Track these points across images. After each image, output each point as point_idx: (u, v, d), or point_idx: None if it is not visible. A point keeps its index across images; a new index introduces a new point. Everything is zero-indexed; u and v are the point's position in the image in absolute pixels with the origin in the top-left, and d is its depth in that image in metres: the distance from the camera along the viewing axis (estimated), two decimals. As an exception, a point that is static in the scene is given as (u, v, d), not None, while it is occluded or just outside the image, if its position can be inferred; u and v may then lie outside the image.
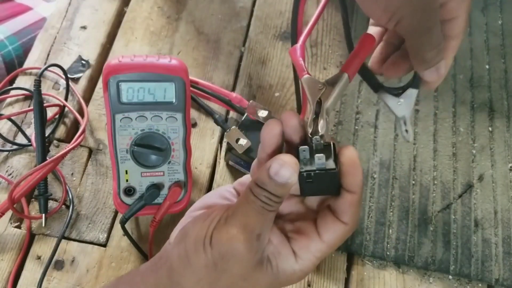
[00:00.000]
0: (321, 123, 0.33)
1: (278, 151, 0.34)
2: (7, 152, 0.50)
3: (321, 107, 0.34)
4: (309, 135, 0.32)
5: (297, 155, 0.32)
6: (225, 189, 0.38)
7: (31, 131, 0.50)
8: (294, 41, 0.40)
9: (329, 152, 0.32)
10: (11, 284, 0.43)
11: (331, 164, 0.32)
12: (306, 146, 0.32)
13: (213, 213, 0.33)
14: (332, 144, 0.33)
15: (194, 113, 0.53)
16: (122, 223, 0.44)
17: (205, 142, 0.52)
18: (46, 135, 0.49)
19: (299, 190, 0.34)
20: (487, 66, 0.57)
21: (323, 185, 0.33)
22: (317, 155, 0.32)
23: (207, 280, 0.33)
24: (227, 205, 0.35)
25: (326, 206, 0.35)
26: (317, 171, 0.32)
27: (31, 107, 0.50)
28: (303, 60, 0.37)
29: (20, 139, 0.50)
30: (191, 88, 0.52)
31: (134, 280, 0.36)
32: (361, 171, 0.32)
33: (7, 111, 0.52)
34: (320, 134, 0.32)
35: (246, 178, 0.38)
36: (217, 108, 0.54)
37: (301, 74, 0.36)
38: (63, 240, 0.45)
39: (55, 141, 0.51)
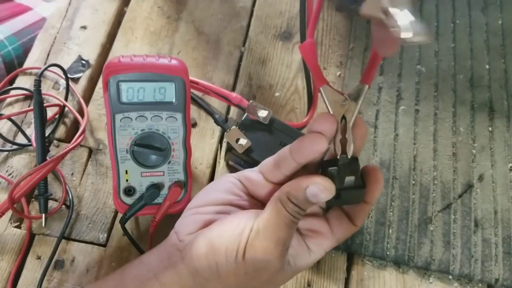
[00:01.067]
0: (348, 144, 0.33)
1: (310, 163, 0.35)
2: (7, 152, 0.50)
3: (347, 127, 0.33)
4: (337, 157, 0.33)
5: (324, 172, 0.34)
6: (230, 182, 0.38)
7: (31, 131, 0.50)
8: (303, 37, 0.38)
9: (355, 168, 0.34)
10: (11, 284, 0.43)
11: (359, 181, 0.34)
12: (335, 168, 0.34)
13: (241, 224, 0.33)
14: (357, 160, 0.34)
15: (194, 113, 0.53)
16: (122, 223, 0.44)
17: (205, 142, 0.52)
18: (46, 135, 0.49)
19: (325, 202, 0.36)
20: (487, 66, 0.57)
21: (349, 198, 0.35)
22: (348, 177, 0.34)
23: (234, 285, 0.34)
24: (253, 213, 0.35)
25: (339, 208, 0.38)
26: (346, 190, 0.34)
27: (31, 107, 0.50)
28: (314, 59, 0.35)
29: (20, 139, 0.50)
30: (192, 84, 0.52)
31: (145, 276, 0.36)
32: (382, 187, 0.35)
33: (7, 111, 0.52)
34: (350, 157, 0.34)
35: (255, 175, 0.37)
36: (217, 107, 0.54)
37: (320, 82, 0.34)
38: (63, 240, 0.45)
39: (55, 141, 0.51)
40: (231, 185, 0.38)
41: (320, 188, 0.32)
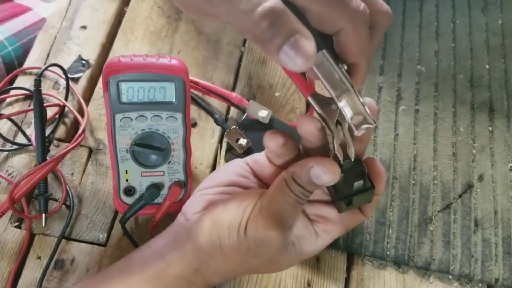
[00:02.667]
0: (349, 148, 0.33)
1: (321, 145, 0.34)
2: (7, 152, 0.50)
3: (343, 130, 0.33)
4: (341, 163, 0.33)
5: None
6: (239, 165, 0.38)
7: (31, 131, 0.50)
8: None
9: (361, 171, 0.34)
10: (11, 284, 0.43)
11: (367, 183, 0.34)
12: (341, 175, 0.33)
13: (245, 201, 0.34)
14: (361, 161, 0.34)
15: (194, 113, 0.53)
16: (122, 223, 0.44)
17: (205, 142, 0.52)
18: (46, 135, 0.49)
19: (336, 208, 0.36)
20: (487, 66, 0.57)
21: (360, 201, 0.35)
22: (357, 182, 0.34)
23: (237, 262, 0.35)
24: (258, 191, 0.35)
25: None
26: (356, 195, 0.34)
27: (31, 107, 0.50)
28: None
29: (20, 139, 0.50)
30: (192, 85, 0.52)
31: (152, 257, 0.36)
32: (385, 179, 0.36)
33: (7, 111, 0.52)
34: (352, 160, 0.33)
35: (262, 158, 0.38)
36: (217, 107, 0.54)
37: (307, 92, 0.34)
38: (63, 240, 0.45)
39: (55, 141, 0.51)
40: (239, 168, 0.38)
41: (324, 170, 0.32)
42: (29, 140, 0.50)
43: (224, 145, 0.52)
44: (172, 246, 0.36)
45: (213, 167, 0.51)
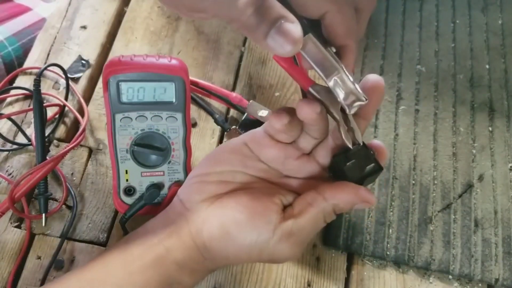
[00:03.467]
0: (356, 134, 0.34)
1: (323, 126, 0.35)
2: (7, 152, 0.50)
3: (348, 117, 0.34)
4: (350, 147, 0.34)
5: (342, 169, 0.35)
6: (236, 148, 0.38)
7: (31, 131, 0.50)
8: None
9: (369, 154, 0.35)
10: (11, 284, 0.43)
11: (376, 166, 0.35)
12: (353, 161, 0.35)
13: (258, 222, 0.34)
14: (366, 145, 0.35)
15: (194, 113, 0.53)
16: (122, 223, 0.44)
17: (205, 142, 0.52)
18: (46, 134, 0.49)
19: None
20: (487, 66, 0.57)
21: (369, 182, 0.37)
22: (369, 166, 0.35)
23: (245, 260, 0.36)
24: (269, 201, 0.35)
25: None
26: (367, 177, 0.35)
27: (31, 107, 0.50)
28: (292, 63, 0.35)
29: (20, 139, 0.50)
30: (192, 86, 0.52)
31: (151, 241, 0.36)
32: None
33: (7, 111, 0.52)
34: (360, 144, 0.35)
35: (261, 137, 0.37)
36: (217, 107, 0.54)
37: (306, 84, 0.34)
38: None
39: (55, 141, 0.51)
40: (237, 150, 0.38)
41: (369, 205, 0.34)
42: (29, 140, 0.50)
43: (224, 145, 0.52)
44: (170, 233, 0.36)
45: (213, 167, 0.51)
